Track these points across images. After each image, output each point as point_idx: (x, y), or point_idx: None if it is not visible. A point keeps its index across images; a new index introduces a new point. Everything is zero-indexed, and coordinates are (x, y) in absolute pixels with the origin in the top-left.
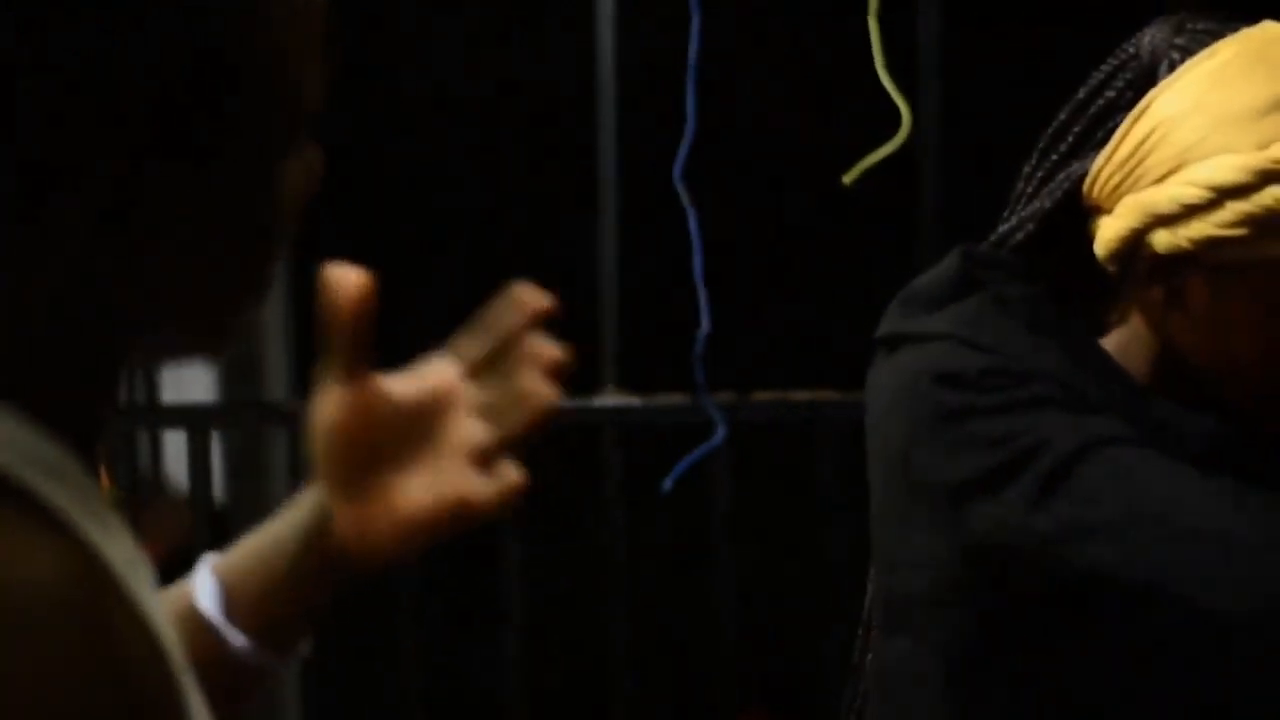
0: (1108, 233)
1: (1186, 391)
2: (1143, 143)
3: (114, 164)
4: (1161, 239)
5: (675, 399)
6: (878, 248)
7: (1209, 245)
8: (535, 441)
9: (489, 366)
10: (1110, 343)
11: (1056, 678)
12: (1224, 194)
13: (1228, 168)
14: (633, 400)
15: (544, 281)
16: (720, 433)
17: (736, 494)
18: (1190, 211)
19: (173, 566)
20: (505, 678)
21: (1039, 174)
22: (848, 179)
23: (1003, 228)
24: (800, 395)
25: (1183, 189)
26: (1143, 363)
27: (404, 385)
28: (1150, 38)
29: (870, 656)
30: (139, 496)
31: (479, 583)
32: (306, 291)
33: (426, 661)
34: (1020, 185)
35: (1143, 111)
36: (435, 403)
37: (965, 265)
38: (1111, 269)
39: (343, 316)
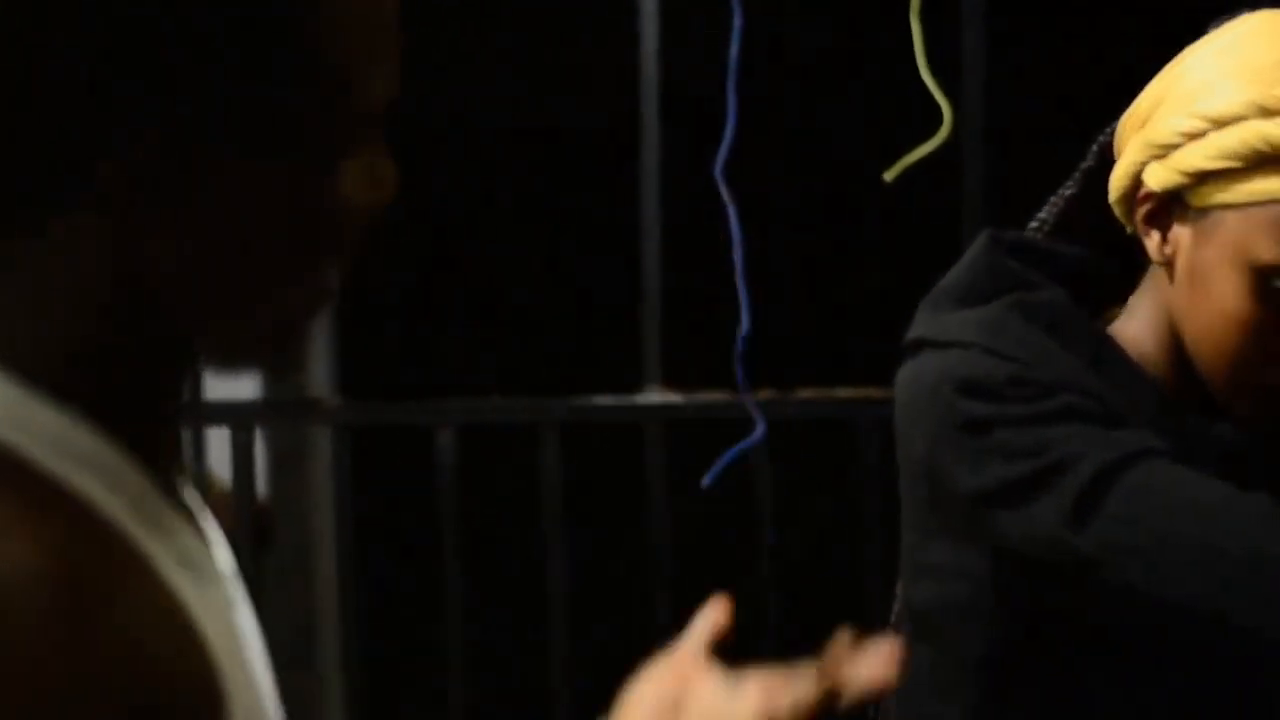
0: (1117, 172)
1: (1201, 385)
2: (1164, 86)
3: (155, 137)
4: (1154, 173)
5: (718, 396)
6: (920, 245)
7: (1195, 180)
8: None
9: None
10: (1128, 330)
11: (1080, 690)
12: (1215, 124)
13: (1224, 100)
14: (676, 398)
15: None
16: (759, 430)
17: (780, 491)
18: (1185, 140)
19: None
20: (550, 674)
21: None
22: (889, 176)
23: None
24: (843, 392)
25: (1181, 119)
26: (1158, 353)
27: (726, 680)
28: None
29: None
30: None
31: (524, 579)
32: (349, 290)
33: (471, 657)
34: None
35: (1173, 63)
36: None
37: (993, 252)
38: (1125, 222)
39: (711, 627)
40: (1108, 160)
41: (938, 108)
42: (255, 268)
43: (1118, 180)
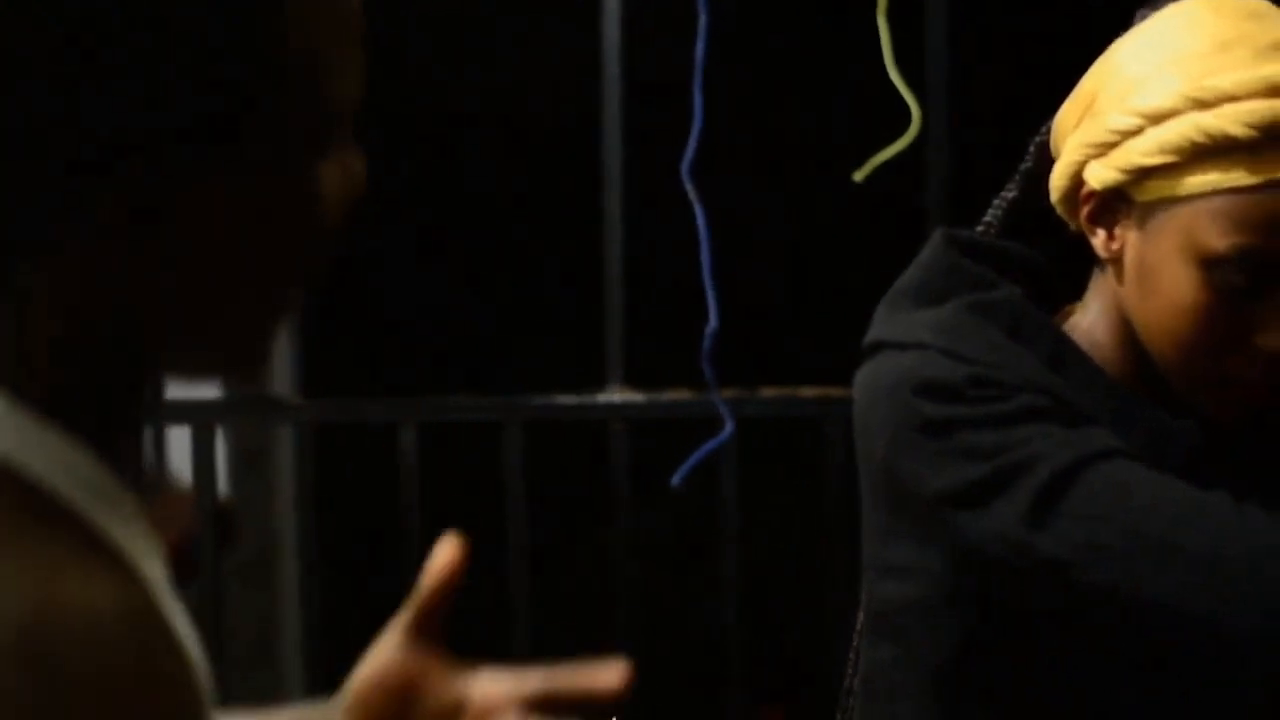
0: (1057, 172)
1: (1159, 381)
2: (1097, 82)
3: (142, 161)
4: (1095, 172)
5: (682, 395)
6: (887, 244)
7: (1137, 176)
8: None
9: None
10: (1082, 328)
11: (1042, 692)
12: (1151, 119)
13: (1158, 95)
14: (639, 396)
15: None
16: (727, 428)
17: (745, 490)
18: (1122, 138)
19: (177, 562)
20: None
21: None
22: (858, 176)
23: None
24: (809, 391)
25: (1118, 117)
26: (1113, 350)
27: (461, 675)
28: (1139, 19)
29: (859, 665)
30: (143, 492)
31: (486, 580)
32: (312, 288)
33: None
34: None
35: (1104, 58)
36: (481, 707)
37: (949, 252)
38: (1069, 221)
39: (433, 582)
40: (1047, 160)
41: (906, 106)
42: (232, 282)
43: (1058, 180)
